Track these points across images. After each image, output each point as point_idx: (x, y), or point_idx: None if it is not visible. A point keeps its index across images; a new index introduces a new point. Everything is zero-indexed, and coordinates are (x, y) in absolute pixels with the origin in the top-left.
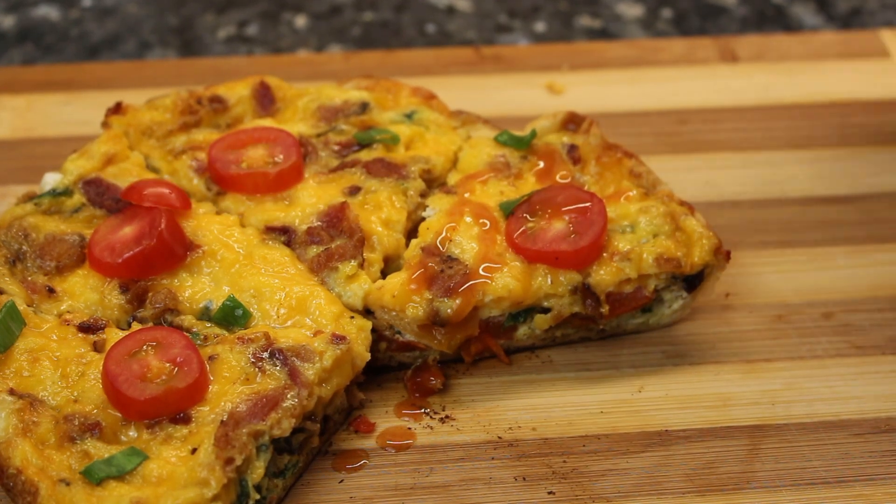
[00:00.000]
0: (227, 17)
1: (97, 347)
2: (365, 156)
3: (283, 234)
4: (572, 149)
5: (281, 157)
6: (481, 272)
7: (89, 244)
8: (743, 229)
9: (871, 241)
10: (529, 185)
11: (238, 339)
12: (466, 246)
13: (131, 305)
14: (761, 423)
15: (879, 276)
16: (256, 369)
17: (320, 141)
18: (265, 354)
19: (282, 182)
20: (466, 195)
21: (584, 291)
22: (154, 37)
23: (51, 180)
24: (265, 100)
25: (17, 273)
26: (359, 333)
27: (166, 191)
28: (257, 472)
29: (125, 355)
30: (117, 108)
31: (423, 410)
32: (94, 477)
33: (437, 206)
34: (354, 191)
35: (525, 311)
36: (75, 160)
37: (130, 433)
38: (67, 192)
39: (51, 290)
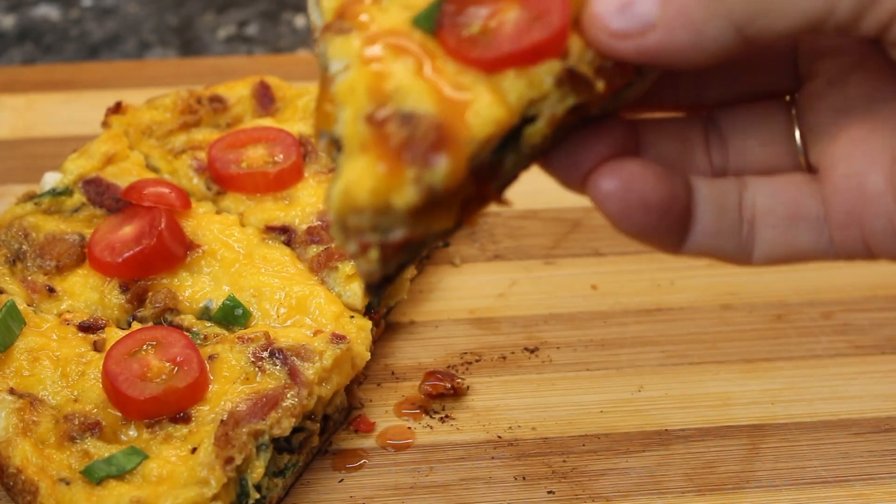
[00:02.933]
0: (227, 17)
1: (97, 347)
2: None
3: (283, 233)
4: None
5: (281, 156)
6: (450, 114)
7: (89, 244)
8: None
9: None
10: None
11: (238, 338)
12: (413, 90)
13: (131, 305)
14: (761, 423)
15: (879, 276)
16: (256, 369)
17: None
18: (265, 354)
19: (282, 181)
20: (369, 29)
21: (571, 76)
22: (154, 37)
23: (51, 180)
24: (265, 99)
25: (17, 272)
26: (359, 333)
27: (166, 190)
28: (257, 471)
29: (125, 355)
30: (117, 108)
31: (422, 410)
32: (94, 476)
33: (344, 56)
34: None
35: (505, 138)
36: (75, 160)
37: (130, 432)
38: (67, 192)
39: (51, 290)
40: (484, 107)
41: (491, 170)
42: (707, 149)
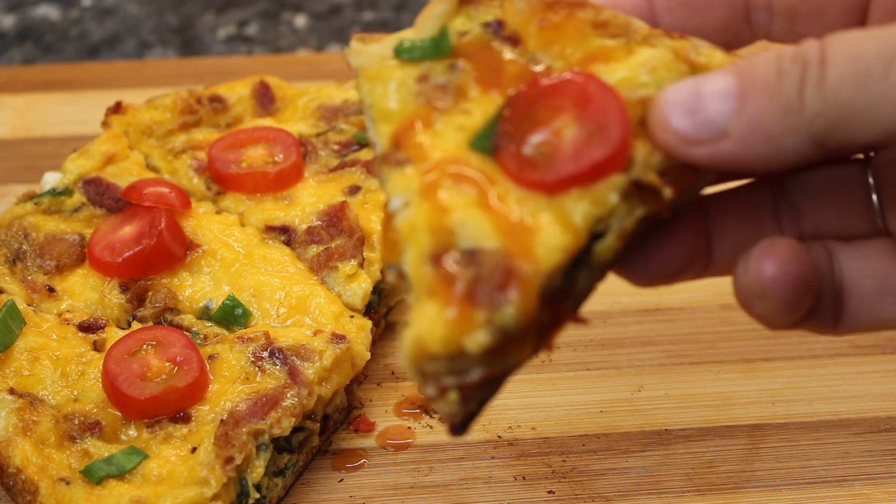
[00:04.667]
0: (227, 17)
1: (97, 347)
2: (365, 155)
3: (283, 233)
4: (498, 27)
5: (281, 156)
6: (516, 246)
7: (89, 243)
8: None
9: None
10: (484, 100)
11: (238, 338)
12: (475, 224)
13: (131, 305)
14: (761, 423)
15: None
16: (256, 368)
17: (320, 140)
18: (265, 354)
19: (282, 181)
20: (427, 158)
21: (637, 187)
22: (154, 37)
23: (51, 180)
24: (265, 99)
25: (17, 272)
26: (359, 333)
27: (166, 190)
28: (257, 470)
29: (125, 354)
30: (117, 108)
31: (422, 409)
32: (94, 476)
33: (403, 192)
34: (354, 190)
35: (576, 259)
36: (75, 159)
37: (130, 432)
38: (67, 192)
39: (51, 290)
40: (550, 235)
41: (563, 292)
42: (777, 217)
